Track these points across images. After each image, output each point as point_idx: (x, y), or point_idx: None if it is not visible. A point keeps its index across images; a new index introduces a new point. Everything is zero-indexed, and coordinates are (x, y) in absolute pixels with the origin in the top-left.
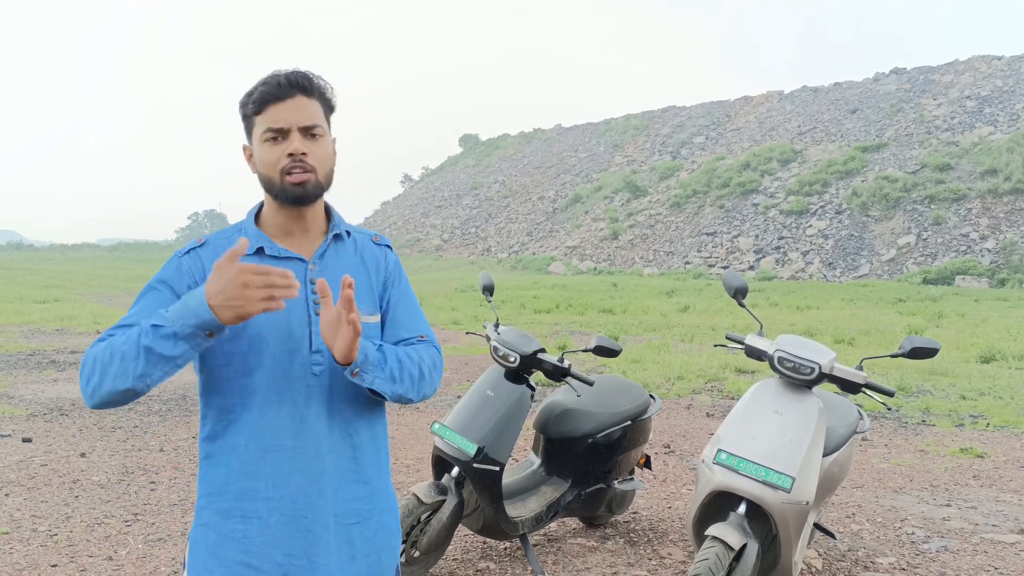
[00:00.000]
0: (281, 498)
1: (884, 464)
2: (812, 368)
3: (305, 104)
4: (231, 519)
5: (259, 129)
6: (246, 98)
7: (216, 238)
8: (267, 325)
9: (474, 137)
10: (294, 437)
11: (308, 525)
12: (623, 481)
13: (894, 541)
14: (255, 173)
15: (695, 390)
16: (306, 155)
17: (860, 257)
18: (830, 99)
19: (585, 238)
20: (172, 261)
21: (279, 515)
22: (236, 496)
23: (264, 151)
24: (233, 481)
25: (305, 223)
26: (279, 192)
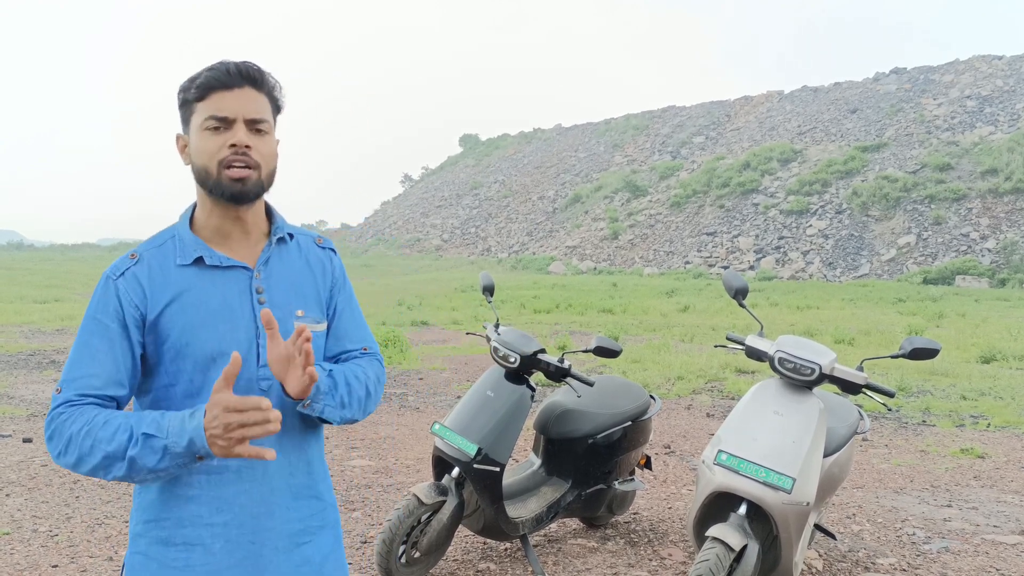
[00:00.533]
0: (226, 523)
1: (885, 464)
2: (812, 369)
3: (254, 97)
4: (171, 547)
5: (200, 116)
6: (188, 83)
7: (148, 250)
8: (212, 341)
9: (474, 137)
10: (239, 459)
11: (257, 550)
12: (623, 482)
13: (895, 542)
14: (188, 164)
15: (695, 390)
16: (250, 148)
17: (860, 257)
18: (830, 99)
19: (585, 238)
20: (106, 288)
21: (223, 541)
22: (176, 523)
23: (203, 139)
24: (173, 507)
25: (245, 225)
26: (214, 186)
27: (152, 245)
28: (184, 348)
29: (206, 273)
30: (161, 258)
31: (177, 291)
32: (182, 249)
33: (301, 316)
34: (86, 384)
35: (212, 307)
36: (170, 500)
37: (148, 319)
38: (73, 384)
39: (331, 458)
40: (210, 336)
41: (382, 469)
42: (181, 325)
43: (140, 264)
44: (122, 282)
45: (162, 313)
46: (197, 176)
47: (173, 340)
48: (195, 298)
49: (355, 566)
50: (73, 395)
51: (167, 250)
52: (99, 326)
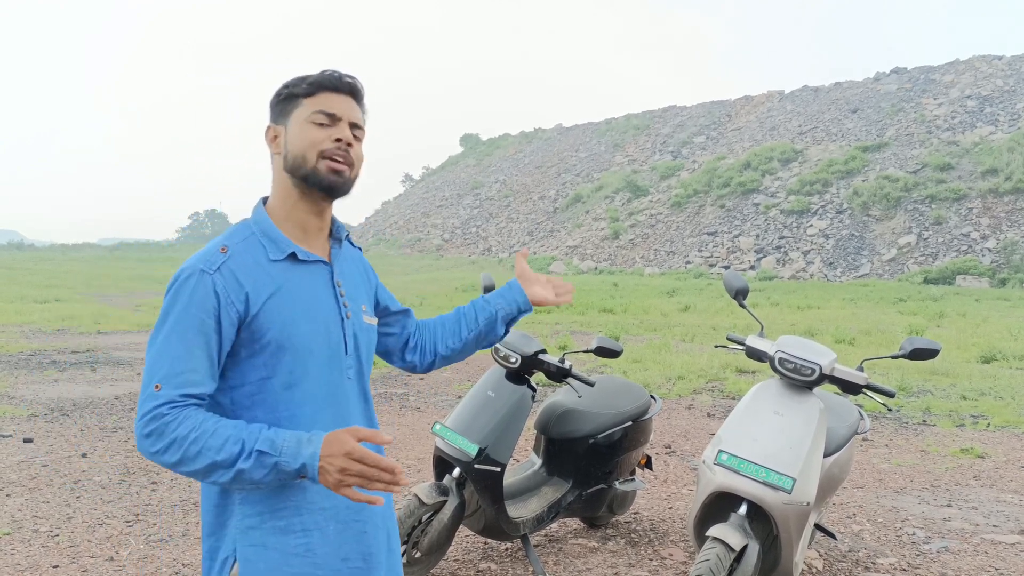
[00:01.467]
0: (335, 506)
1: (885, 464)
2: (813, 369)
3: (355, 106)
4: (291, 535)
5: (306, 110)
6: (298, 79)
7: (236, 244)
8: (310, 334)
9: (475, 137)
10: None
11: (361, 527)
12: (624, 482)
13: (895, 542)
14: (278, 153)
15: (696, 390)
16: (351, 147)
17: (861, 257)
18: (831, 99)
19: (586, 238)
20: (200, 282)
21: (335, 523)
22: (294, 511)
23: (308, 130)
24: (289, 496)
25: (322, 221)
26: (310, 173)
27: (237, 239)
28: (285, 341)
29: (296, 268)
30: (252, 252)
31: (276, 286)
32: (272, 244)
33: (365, 311)
34: (187, 381)
35: (306, 301)
36: (284, 490)
37: (248, 314)
38: (174, 381)
39: None
40: (307, 329)
41: None
42: (282, 319)
43: (233, 258)
44: (219, 277)
45: (262, 308)
46: (291, 164)
47: (274, 334)
48: (291, 293)
49: None
50: (176, 394)
51: (253, 245)
52: (195, 320)
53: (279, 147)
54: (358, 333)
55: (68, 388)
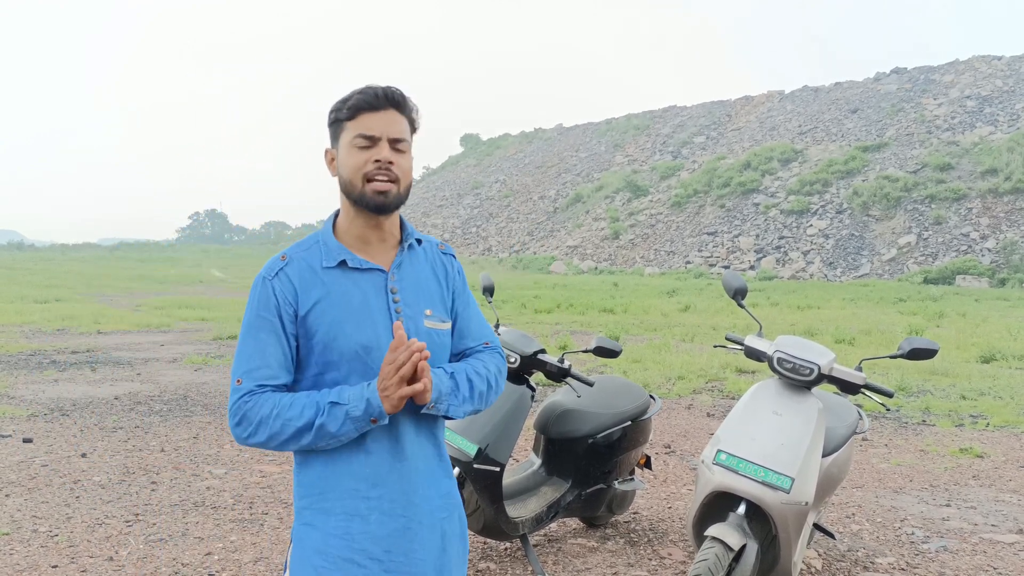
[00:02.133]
0: (380, 497)
1: (884, 464)
2: (811, 369)
3: (396, 118)
4: (333, 517)
5: (349, 134)
6: (340, 103)
7: (297, 252)
8: (356, 335)
9: (475, 137)
10: (389, 439)
11: (405, 523)
12: (623, 481)
13: (894, 541)
14: (335, 176)
15: (696, 390)
16: (392, 164)
17: (861, 257)
18: (831, 99)
19: (586, 238)
20: (263, 288)
21: (378, 513)
22: (338, 496)
23: (351, 155)
24: (335, 482)
25: (383, 232)
26: (359, 197)
27: (300, 249)
28: (332, 341)
29: (348, 274)
30: (309, 260)
31: (324, 290)
32: (327, 253)
33: (429, 315)
34: (262, 375)
35: (354, 305)
36: (332, 476)
37: (300, 314)
38: (251, 375)
39: None
40: (354, 331)
41: None
42: (328, 321)
43: (290, 265)
44: (276, 282)
45: (311, 310)
46: (344, 187)
47: (322, 334)
48: (339, 297)
49: None
50: (253, 385)
51: (313, 253)
52: (263, 321)
53: (335, 170)
54: (414, 336)
55: (68, 388)
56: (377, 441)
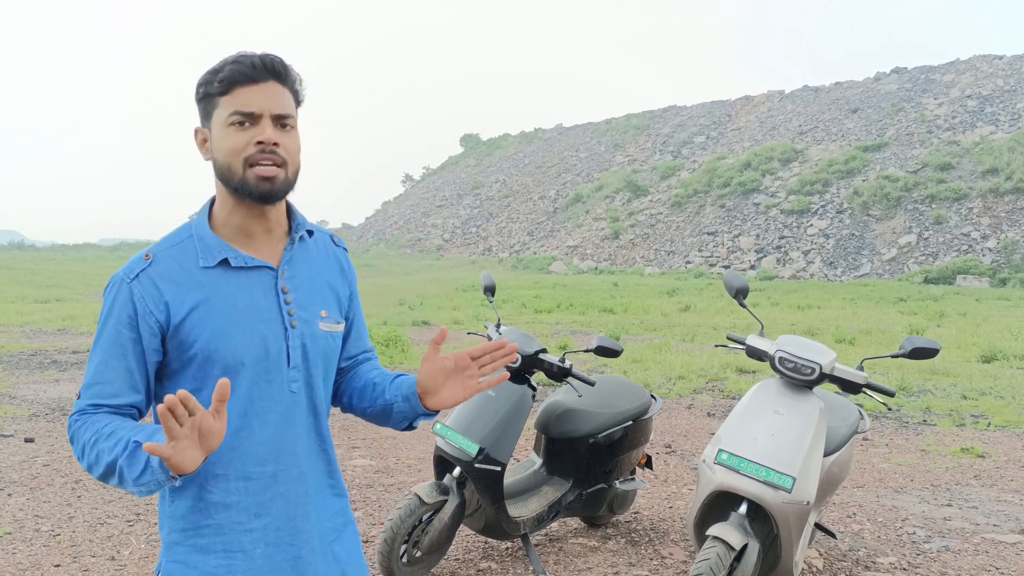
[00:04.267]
0: (264, 527)
1: (885, 464)
2: (813, 368)
3: (279, 91)
4: (212, 555)
5: (223, 111)
6: (210, 75)
7: (166, 250)
8: (243, 345)
9: (475, 137)
10: (276, 461)
11: (295, 552)
12: (624, 481)
13: (895, 541)
14: (209, 160)
15: (696, 390)
16: (278, 146)
17: (861, 256)
18: (831, 99)
19: (586, 238)
20: (120, 290)
21: (263, 546)
22: (215, 530)
23: (228, 135)
24: (210, 515)
25: (268, 223)
26: (240, 184)
27: (168, 245)
28: (212, 353)
29: (231, 275)
30: (180, 259)
31: (203, 295)
32: (205, 250)
33: (325, 317)
34: (99, 392)
35: (240, 310)
36: (208, 508)
37: (170, 324)
38: (89, 391)
39: None
40: (240, 340)
41: (383, 469)
42: (209, 330)
43: (155, 265)
44: (136, 285)
45: (186, 318)
46: (220, 173)
47: (201, 345)
48: (222, 301)
49: None
50: (87, 404)
51: (186, 250)
52: (112, 332)
53: (208, 153)
54: (308, 343)
55: (69, 388)
56: (262, 465)
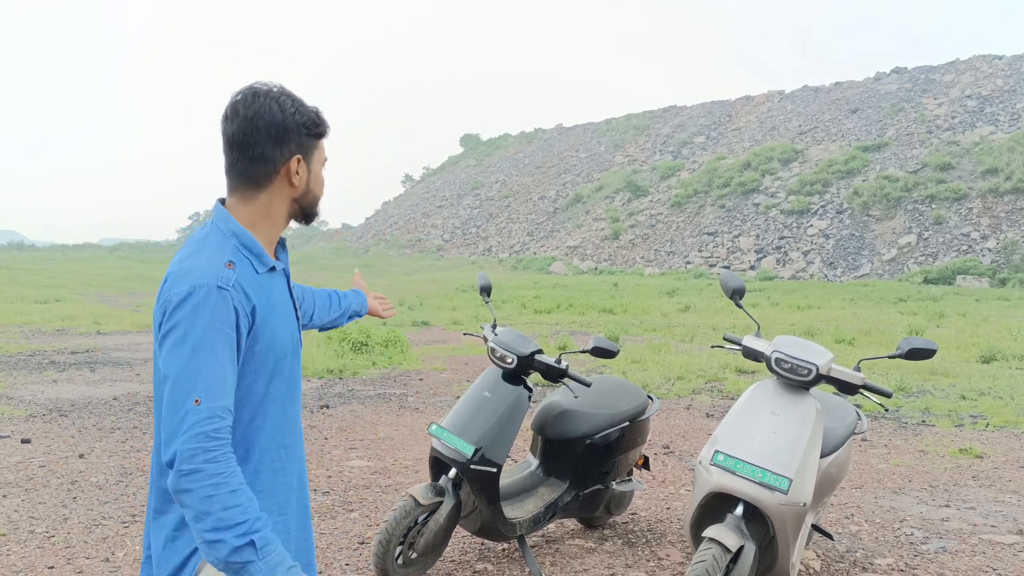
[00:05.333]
0: (295, 486)
1: (883, 464)
2: (809, 369)
3: None
4: (272, 515)
5: (321, 154)
6: (318, 119)
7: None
8: (286, 336)
9: (475, 137)
10: (293, 432)
11: (303, 510)
12: (621, 482)
13: (893, 542)
14: (298, 186)
15: (695, 390)
16: None
17: (861, 257)
18: (831, 99)
19: (586, 238)
20: (220, 297)
21: (296, 502)
22: (269, 493)
23: (321, 175)
24: (264, 480)
25: None
26: (312, 211)
27: (228, 251)
28: (270, 346)
29: (271, 277)
30: (246, 266)
31: (265, 296)
32: (258, 259)
33: None
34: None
35: (281, 307)
36: (261, 474)
37: (254, 325)
38: (212, 396)
39: (330, 459)
40: (284, 332)
41: (380, 470)
42: (270, 327)
43: (238, 273)
44: (235, 293)
45: (260, 315)
46: (309, 202)
47: (265, 340)
48: (273, 301)
49: (352, 567)
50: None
51: (242, 258)
52: (223, 336)
53: (301, 180)
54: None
55: (67, 389)
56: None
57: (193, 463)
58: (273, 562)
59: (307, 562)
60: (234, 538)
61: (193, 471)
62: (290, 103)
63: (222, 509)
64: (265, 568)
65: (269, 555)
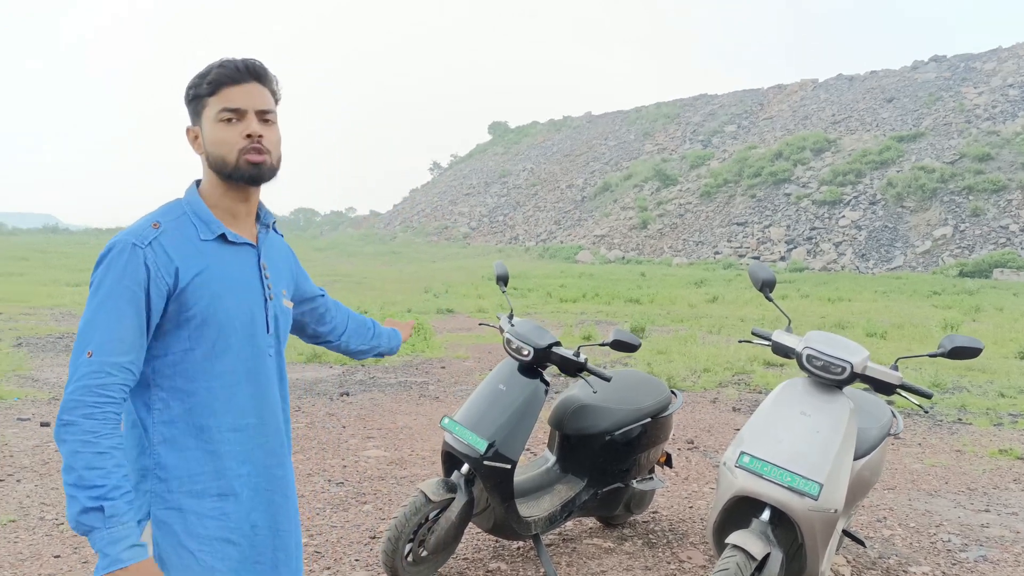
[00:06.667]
0: (249, 474)
1: (918, 465)
2: (843, 367)
3: (260, 91)
4: (207, 499)
5: (212, 109)
6: (198, 79)
7: (169, 222)
8: (234, 310)
9: (503, 125)
10: (256, 415)
11: (270, 496)
12: (642, 480)
13: (928, 548)
14: (201, 154)
15: (722, 383)
16: (262, 138)
17: (894, 249)
18: (866, 87)
19: (614, 227)
20: (134, 255)
21: (249, 490)
22: (211, 476)
23: (219, 131)
24: (205, 462)
25: (249, 206)
26: (233, 171)
27: (170, 217)
28: (210, 316)
29: (225, 248)
30: (183, 230)
31: (204, 264)
32: (203, 225)
33: (284, 295)
34: (112, 349)
35: (233, 279)
36: (203, 456)
37: (177, 288)
38: (104, 349)
39: (346, 448)
40: (233, 305)
41: (397, 460)
42: (209, 295)
43: (165, 235)
44: (150, 251)
45: (190, 284)
46: (214, 164)
47: (200, 308)
48: (219, 271)
49: (362, 563)
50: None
51: (185, 223)
52: (126, 292)
53: (200, 148)
54: (279, 315)
55: None
56: (246, 418)
57: (72, 415)
58: (116, 535)
59: (276, 562)
60: (87, 499)
61: (70, 423)
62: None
63: (85, 467)
64: (107, 538)
65: (115, 527)
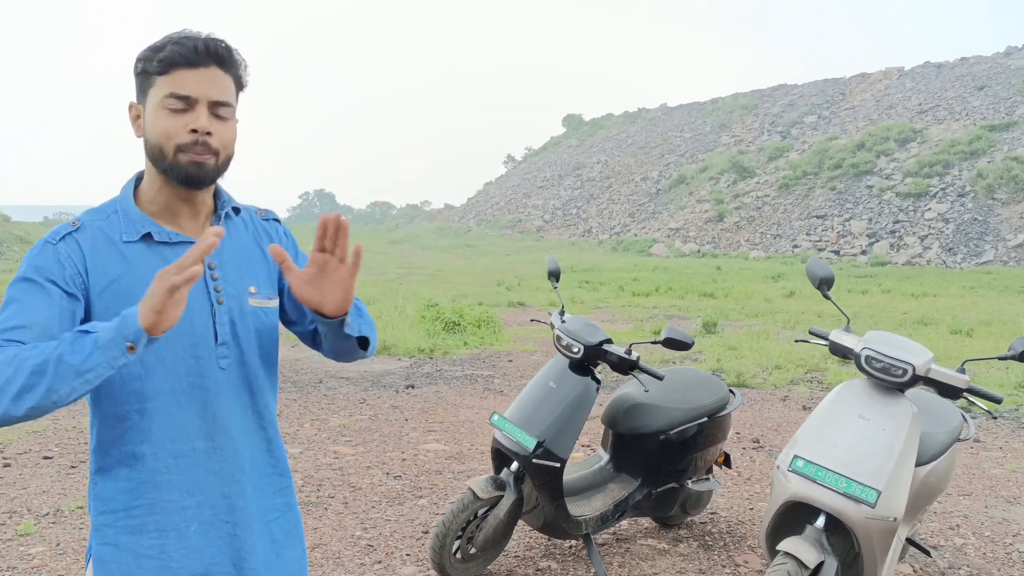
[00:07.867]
0: (198, 505)
1: (997, 469)
2: (905, 370)
3: (219, 77)
4: (144, 535)
5: (160, 91)
6: (150, 52)
7: (93, 220)
8: None
9: (577, 117)
10: (206, 438)
11: (230, 529)
12: (698, 481)
13: (1004, 559)
14: (140, 137)
15: (793, 380)
16: (211, 135)
17: (984, 243)
18: (955, 75)
19: (689, 220)
20: (43, 250)
21: (197, 523)
22: (147, 510)
23: (161, 118)
24: (140, 495)
25: (195, 205)
26: (169, 168)
27: (97, 216)
28: None
29: (155, 249)
30: (106, 231)
31: (124, 268)
32: (128, 224)
33: (254, 292)
34: (17, 334)
35: None
36: (137, 488)
37: (89, 292)
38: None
39: (407, 441)
40: None
41: (455, 454)
42: (129, 303)
43: (81, 232)
44: (62, 246)
45: (107, 288)
46: (150, 153)
47: None
48: (143, 275)
49: (412, 558)
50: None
51: (112, 224)
52: (34, 285)
53: (140, 130)
54: (237, 319)
55: None
56: (191, 442)
57: None
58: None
59: None
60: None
61: None
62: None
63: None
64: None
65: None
